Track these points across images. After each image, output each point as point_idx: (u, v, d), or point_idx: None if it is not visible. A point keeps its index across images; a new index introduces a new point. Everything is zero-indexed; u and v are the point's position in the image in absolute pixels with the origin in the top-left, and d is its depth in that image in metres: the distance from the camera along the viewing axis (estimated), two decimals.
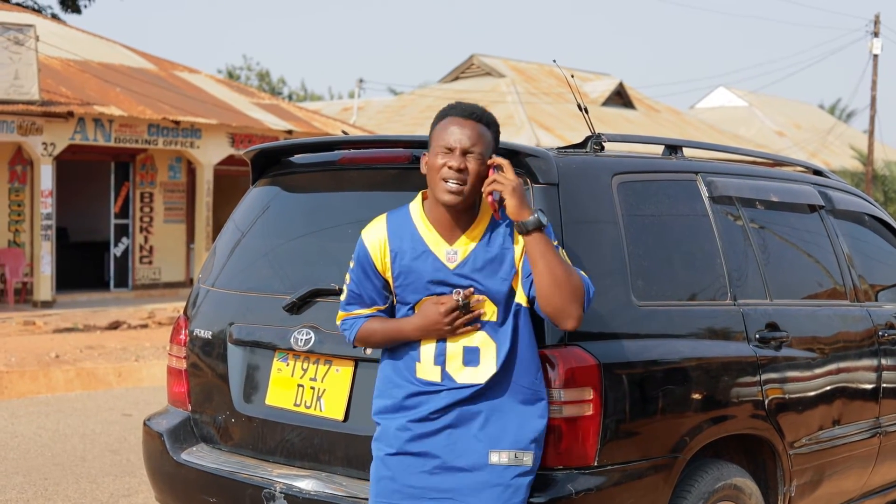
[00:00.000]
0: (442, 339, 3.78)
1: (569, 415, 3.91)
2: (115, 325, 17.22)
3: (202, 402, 4.85)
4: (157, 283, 23.88)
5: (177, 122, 21.86)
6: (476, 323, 3.76)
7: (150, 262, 23.84)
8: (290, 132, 22.94)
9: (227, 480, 4.47)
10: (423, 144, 4.58)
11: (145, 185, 23.66)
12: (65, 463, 8.58)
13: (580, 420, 3.93)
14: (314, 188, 4.96)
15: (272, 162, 5.08)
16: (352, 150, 4.84)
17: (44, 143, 20.08)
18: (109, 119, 20.97)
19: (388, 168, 4.64)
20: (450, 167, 3.67)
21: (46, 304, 20.16)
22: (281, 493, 4.24)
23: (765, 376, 4.76)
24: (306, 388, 4.42)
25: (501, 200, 3.71)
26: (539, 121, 32.10)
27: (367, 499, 4.06)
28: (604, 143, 4.71)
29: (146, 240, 23.78)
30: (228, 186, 24.30)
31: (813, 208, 5.69)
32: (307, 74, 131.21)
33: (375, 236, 3.85)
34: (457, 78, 38.31)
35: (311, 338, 4.37)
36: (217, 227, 21.62)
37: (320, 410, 4.36)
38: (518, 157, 4.18)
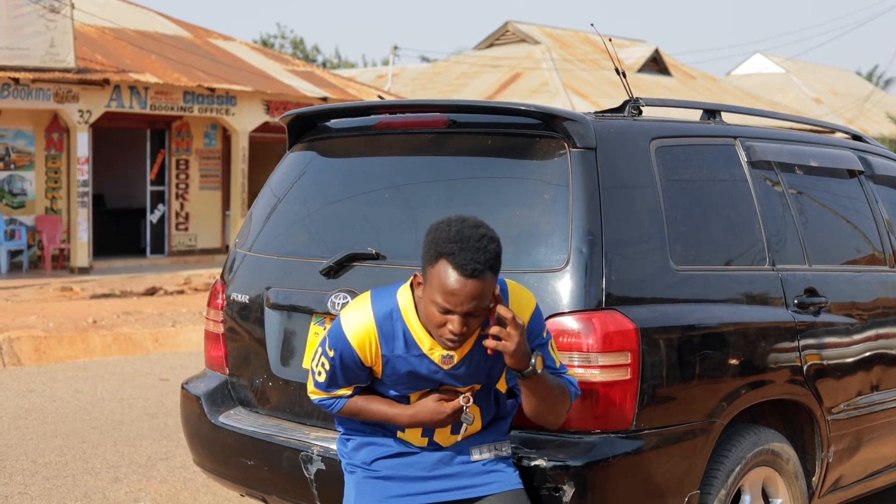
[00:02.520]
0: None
1: (606, 379, 3.91)
2: (151, 291, 17.31)
3: (239, 366, 4.87)
4: (192, 250, 23.98)
5: (212, 90, 21.89)
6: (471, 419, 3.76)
7: (186, 229, 23.94)
8: (324, 99, 22.93)
9: (264, 443, 4.50)
10: (460, 109, 4.58)
11: (181, 152, 23.73)
12: (103, 426, 8.65)
13: (617, 384, 3.93)
14: (350, 153, 4.95)
15: (308, 127, 5.08)
16: (388, 115, 4.83)
17: (80, 111, 20.15)
18: (145, 86, 21.02)
19: (425, 132, 4.63)
20: (452, 332, 3.41)
21: (83, 271, 20.28)
22: (318, 455, 4.25)
23: (803, 342, 4.73)
24: None
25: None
26: (574, 87, 31.94)
27: None
28: (641, 108, 4.69)
29: (182, 206, 23.86)
30: (263, 153, 24.33)
31: (852, 173, 5.64)
32: (341, 42, 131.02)
33: (363, 334, 3.58)
34: (491, 45, 38.13)
35: (347, 302, 4.36)
36: (252, 194, 21.65)
37: None
38: (555, 121, 4.17)
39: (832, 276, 5.12)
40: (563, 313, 3.94)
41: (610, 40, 5.05)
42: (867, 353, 5.18)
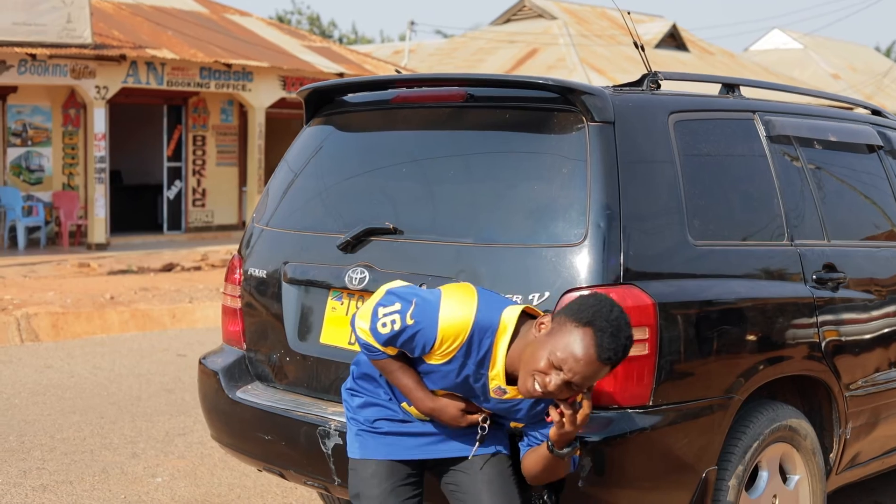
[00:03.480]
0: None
1: None
2: (168, 268, 17.35)
3: (257, 341, 4.88)
4: (209, 226, 24.02)
5: (228, 65, 21.87)
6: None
7: (203, 205, 23.97)
8: (341, 75, 22.89)
9: (282, 418, 4.50)
10: (477, 82, 4.56)
11: (198, 128, 23.74)
12: (120, 402, 8.68)
13: (635, 359, 3.91)
14: (368, 127, 4.94)
15: (326, 101, 5.06)
16: (406, 89, 4.81)
17: (97, 87, 20.17)
18: (161, 62, 21.02)
19: (442, 107, 4.61)
20: (544, 385, 3.41)
21: (101, 247, 20.33)
22: (336, 430, 4.25)
23: (821, 317, 4.71)
24: None
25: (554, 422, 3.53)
26: (591, 63, 31.83)
27: None
28: (660, 82, 4.67)
29: (199, 183, 23.89)
30: (280, 129, 24.34)
31: (871, 148, 5.61)
32: (358, 17, 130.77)
33: (454, 332, 3.55)
34: (508, 20, 38.01)
35: (365, 276, 4.36)
36: (269, 170, 21.68)
37: None
38: (573, 95, 4.14)
39: (851, 252, 5.10)
40: (580, 288, 3.92)
41: (628, 13, 5.02)
42: (886, 330, 5.16)
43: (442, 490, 3.90)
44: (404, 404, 3.82)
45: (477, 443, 3.78)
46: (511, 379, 3.61)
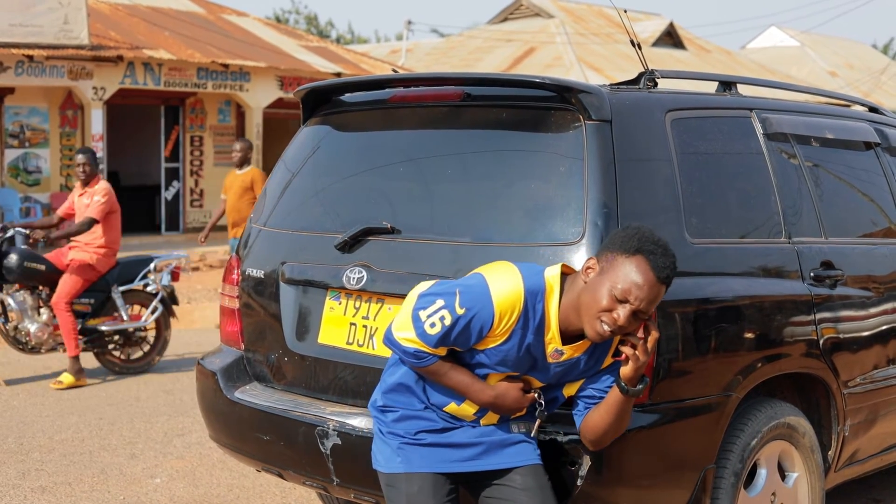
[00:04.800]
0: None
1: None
2: None
3: (255, 341, 4.87)
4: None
5: (226, 66, 21.89)
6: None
7: (201, 206, 23.97)
8: (338, 74, 22.91)
9: (280, 418, 4.49)
10: (474, 81, 4.56)
11: (195, 128, 23.75)
12: (119, 403, 8.68)
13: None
14: (365, 127, 4.94)
15: (323, 101, 5.06)
16: (403, 89, 4.81)
17: (94, 88, 20.18)
18: (159, 63, 21.03)
19: (439, 106, 4.61)
20: (615, 320, 3.45)
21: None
22: (334, 430, 4.25)
23: (819, 315, 4.71)
24: (359, 327, 4.43)
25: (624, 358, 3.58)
26: (588, 61, 31.84)
27: None
28: (657, 80, 4.66)
29: (196, 183, 23.89)
30: (278, 130, 24.34)
31: (869, 146, 5.60)
32: (354, 17, 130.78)
33: (511, 302, 3.53)
34: (505, 19, 38.03)
35: (363, 276, 4.36)
36: (266, 170, 21.63)
37: (373, 349, 4.36)
38: (570, 94, 4.14)
39: (848, 249, 5.09)
40: None
41: (625, 12, 5.02)
42: (884, 327, 5.16)
43: None
44: (449, 407, 3.74)
45: (535, 427, 3.75)
46: (565, 338, 3.61)
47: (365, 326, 4.40)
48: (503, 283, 3.54)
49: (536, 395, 3.71)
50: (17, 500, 6.11)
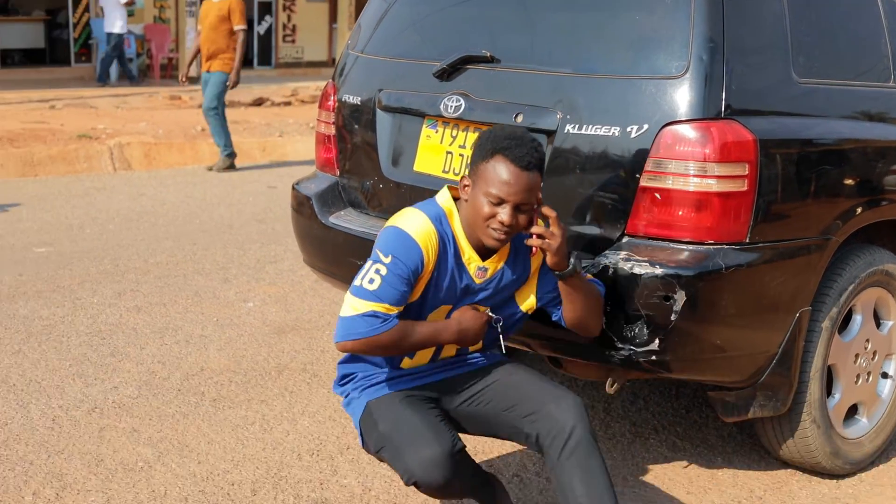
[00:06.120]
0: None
1: (722, 190, 3.83)
2: (258, 102, 17.40)
3: (350, 168, 4.87)
4: (299, 62, 24.00)
5: None
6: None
7: (293, 41, 23.92)
8: None
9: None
10: None
11: None
12: (212, 230, 8.80)
13: (733, 195, 3.85)
14: None
15: None
16: None
17: None
18: None
19: None
20: (501, 222, 3.49)
21: (192, 80, 20.35)
22: None
23: None
24: (455, 156, 4.40)
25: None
26: None
27: None
28: None
29: (289, 18, 23.80)
30: None
31: None
32: None
33: (426, 234, 3.54)
34: None
35: (461, 105, 4.32)
36: (359, 7, 21.49)
37: None
38: None
39: None
40: (680, 121, 3.84)
41: None
42: None
43: (467, 423, 3.79)
44: (403, 363, 3.74)
45: (500, 339, 3.77)
46: (483, 255, 3.66)
47: (461, 155, 4.37)
48: (413, 221, 3.57)
49: (488, 311, 3.72)
50: (113, 318, 6.25)
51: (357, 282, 3.51)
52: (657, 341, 3.84)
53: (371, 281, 3.48)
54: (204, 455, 4.50)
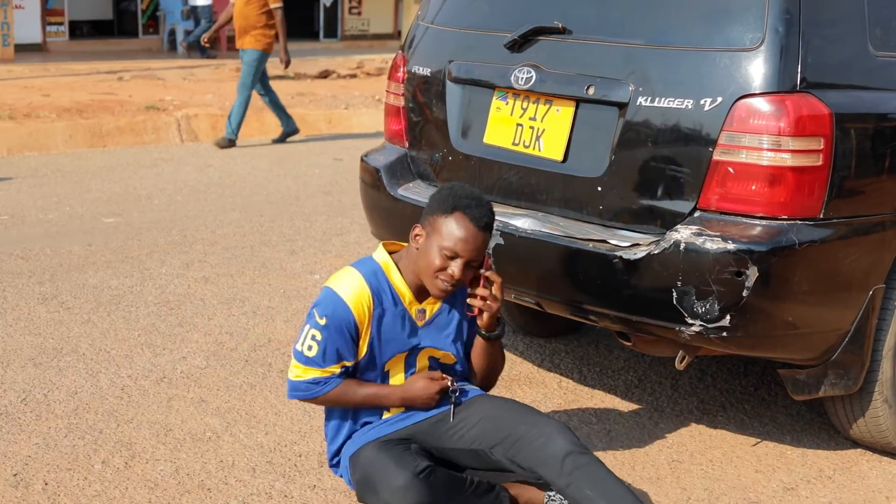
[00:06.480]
0: None
1: (796, 164, 3.78)
2: (324, 74, 17.43)
3: (419, 140, 4.86)
4: (365, 35, 24.01)
5: None
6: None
7: (359, 13, 23.92)
8: None
9: None
10: None
11: None
12: (279, 202, 8.83)
13: (807, 170, 3.79)
14: None
15: None
16: None
17: None
18: None
19: None
20: (451, 275, 3.63)
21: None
22: (497, 230, 4.24)
23: None
24: (525, 128, 4.37)
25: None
26: None
27: (583, 239, 4.05)
28: None
29: None
30: None
31: None
32: None
33: (357, 294, 3.69)
34: None
35: (532, 76, 4.28)
36: None
37: (539, 150, 4.31)
38: None
39: None
40: (754, 94, 3.80)
41: None
42: None
43: (461, 460, 3.80)
44: (383, 414, 3.84)
45: (452, 404, 3.80)
46: (422, 298, 3.79)
47: (532, 127, 4.34)
48: (345, 282, 3.72)
49: (449, 380, 3.79)
50: (181, 288, 6.29)
51: (297, 345, 3.71)
52: (728, 317, 3.80)
53: (310, 347, 3.68)
54: (271, 426, 4.52)
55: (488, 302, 3.70)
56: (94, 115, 11.96)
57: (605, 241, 4.02)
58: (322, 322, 3.65)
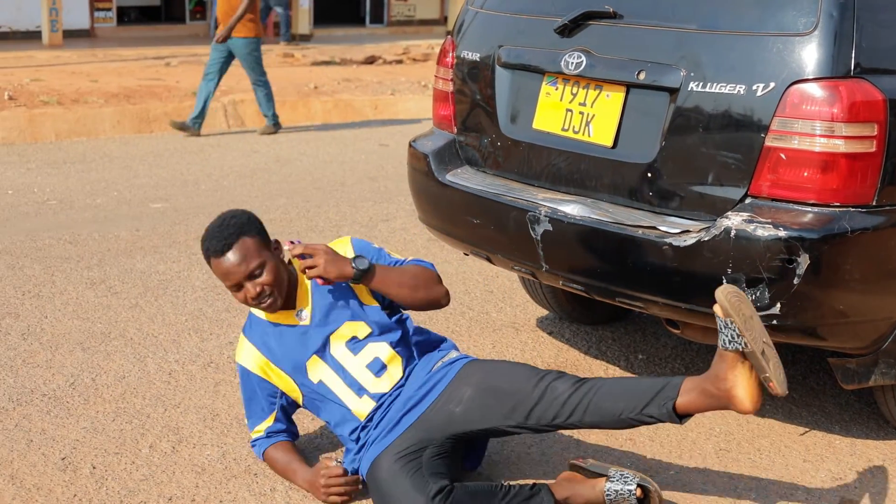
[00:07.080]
0: (355, 385, 3.87)
1: (849, 150, 3.73)
2: (370, 60, 17.45)
3: (468, 125, 4.84)
4: (411, 20, 24.00)
5: None
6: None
7: None
8: None
9: (491, 202, 4.49)
10: None
11: None
12: (325, 187, 8.85)
13: (861, 157, 3.75)
14: None
15: None
16: None
17: None
18: None
19: None
20: (252, 296, 3.76)
21: (304, 38, 20.54)
22: (546, 216, 4.22)
23: None
24: (575, 113, 4.35)
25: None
26: None
27: (632, 226, 4.03)
28: None
29: None
30: None
31: None
32: None
33: (249, 355, 3.96)
34: None
35: (582, 61, 4.26)
36: None
37: (588, 136, 4.29)
38: None
39: None
40: (807, 80, 3.75)
41: None
42: None
43: (469, 434, 3.78)
44: (357, 416, 3.86)
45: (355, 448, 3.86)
46: (289, 307, 3.91)
47: (581, 113, 4.32)
48: (239, 349, 4.02)
49: (334, 463, 3.84)
50: None
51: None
52: (778, 305, 3.77)
53: (247, 414, 4.06)
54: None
55: (310, 270, 3.74)
56: (141, 101, 12.03)
57: (654, 228, 3.99)
58: (242, 390, 4.04)
